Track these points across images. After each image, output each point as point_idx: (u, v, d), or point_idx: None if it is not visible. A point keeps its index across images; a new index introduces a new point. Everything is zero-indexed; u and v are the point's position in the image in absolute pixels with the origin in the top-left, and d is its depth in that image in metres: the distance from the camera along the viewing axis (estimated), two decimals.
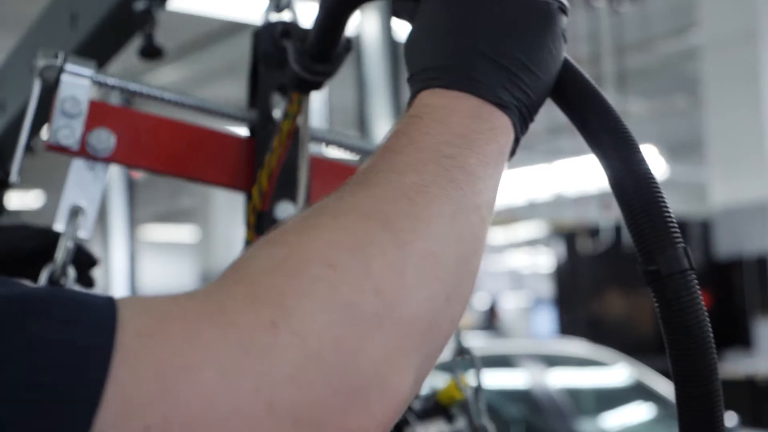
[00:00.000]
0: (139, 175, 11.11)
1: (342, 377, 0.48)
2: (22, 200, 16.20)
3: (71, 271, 0.93)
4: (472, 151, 0.59)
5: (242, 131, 1.06)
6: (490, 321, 13.33)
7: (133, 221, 10.95)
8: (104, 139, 0.92)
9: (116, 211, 10.23)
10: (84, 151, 0.92)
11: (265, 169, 0.94)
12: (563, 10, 0.67)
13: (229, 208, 13.26)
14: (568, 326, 9.52)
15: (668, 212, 0.66)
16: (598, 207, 10.08)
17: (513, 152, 0.64)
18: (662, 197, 0.66)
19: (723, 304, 9.11)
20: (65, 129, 0.91)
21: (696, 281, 0.65)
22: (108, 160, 0.94)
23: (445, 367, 1.38)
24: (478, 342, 5.98)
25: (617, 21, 9.62)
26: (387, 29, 7.09)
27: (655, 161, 13.23)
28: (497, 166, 0.61)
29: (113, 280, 10.57)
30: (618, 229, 9.47)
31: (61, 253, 0.93)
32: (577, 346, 5.75)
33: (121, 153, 0.94)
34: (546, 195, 14.07)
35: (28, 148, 1.86)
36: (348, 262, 0.51)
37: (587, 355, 5.52)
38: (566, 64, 0.68)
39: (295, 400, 0.46)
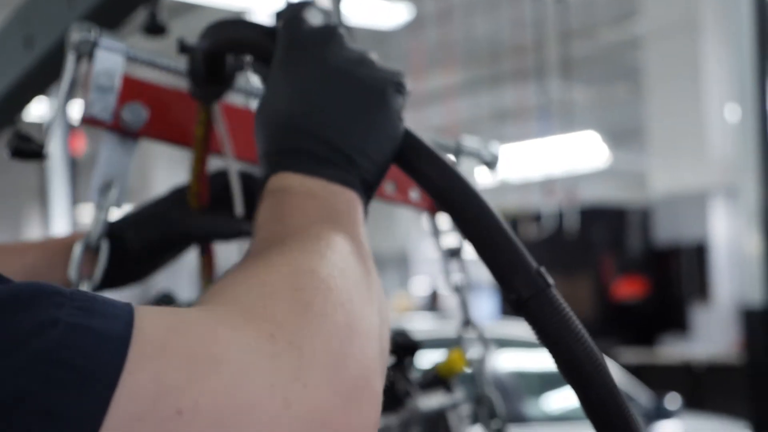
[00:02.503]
0: (81, 152, 10.95)
1: (338, 378, 0.53)
2: None
3: (104, 244, 0.95)
4: (343, 214, 0.68)
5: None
6: (432, 305, 13.53)
7: (75, 200, 10.77)
8: (137, 114, 0.94)
9: (57, 191, 10.07)
10: (117, 125, 0.94)
11: (192, 173, 1.01)
12: (400, 90, 0.73)
13: (167, 188, 13.12)
14: (509, 309, 9.63)
15: (512, 241, 0.72)
16: (541, 193, 10.23)
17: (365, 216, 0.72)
18: (504, 228, 0.72)
19: (661, 290, 9.31)
20: (100, 103, 0.92)
21: (556, 296, 0.71)
22: (139, 135, 0.96)
23: (446, 343, 1.43)
24: (426, 324, 6.04)
25: (562, 8, 9.73)
26: (337, 12, 7.08)
27: (599, 148, 13.39)
28: (362, 227, 0.69)
29: None
30: (560, 216, 9.62)
31: (94, 225, 0.94)
32: (523, 329, 5.83)
33: (152, 127, 0.96)
34: (488, 181, 14.15)
35: (11, 122, 1.85)
36: (311, 284, 0.57)
37: (532, 337, 5.60)
38: (407, 135, 0.74)
39: (305, 399, 0.51)
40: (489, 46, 11.06)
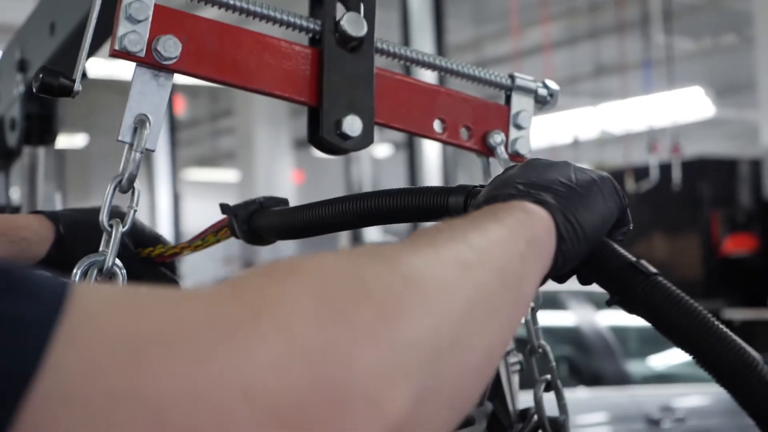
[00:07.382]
0: (179, 113, 11.14)
1: (330, 380, 0.45)
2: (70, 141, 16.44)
3: (137, 187, 0.91)
4: (495, 222, 0.65)
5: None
6: None
7: (176, 162, 10.93)
8: (171, 46, 0.89)
9: (160, 152, 10.25)
10: (150, 59, 0.89)
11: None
12: (618, 192, 0.78)
13: (270, 150, 13.34)
14: None
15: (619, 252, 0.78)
16: (645, 146, 9.96)
17: (557, 262, 0.71)
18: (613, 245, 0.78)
19: None
20: (132, 35, 0.88)
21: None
22: (173, 68, 0.91)
23: None
24: None
25: None
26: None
27: (701, 102, 13.01)
28: (529, 245, 0.66)
29: (159, 220, 10.65)
30: (666, 169, 9.35)
31: (128, 166, 0.90)
32: None
33: (186, 61, 0.91)
34: (591, 135, 13.91)
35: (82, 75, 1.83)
36: (342, 280, 0.50)
37: None
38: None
39: (274, 392, 0.43)
40: None
